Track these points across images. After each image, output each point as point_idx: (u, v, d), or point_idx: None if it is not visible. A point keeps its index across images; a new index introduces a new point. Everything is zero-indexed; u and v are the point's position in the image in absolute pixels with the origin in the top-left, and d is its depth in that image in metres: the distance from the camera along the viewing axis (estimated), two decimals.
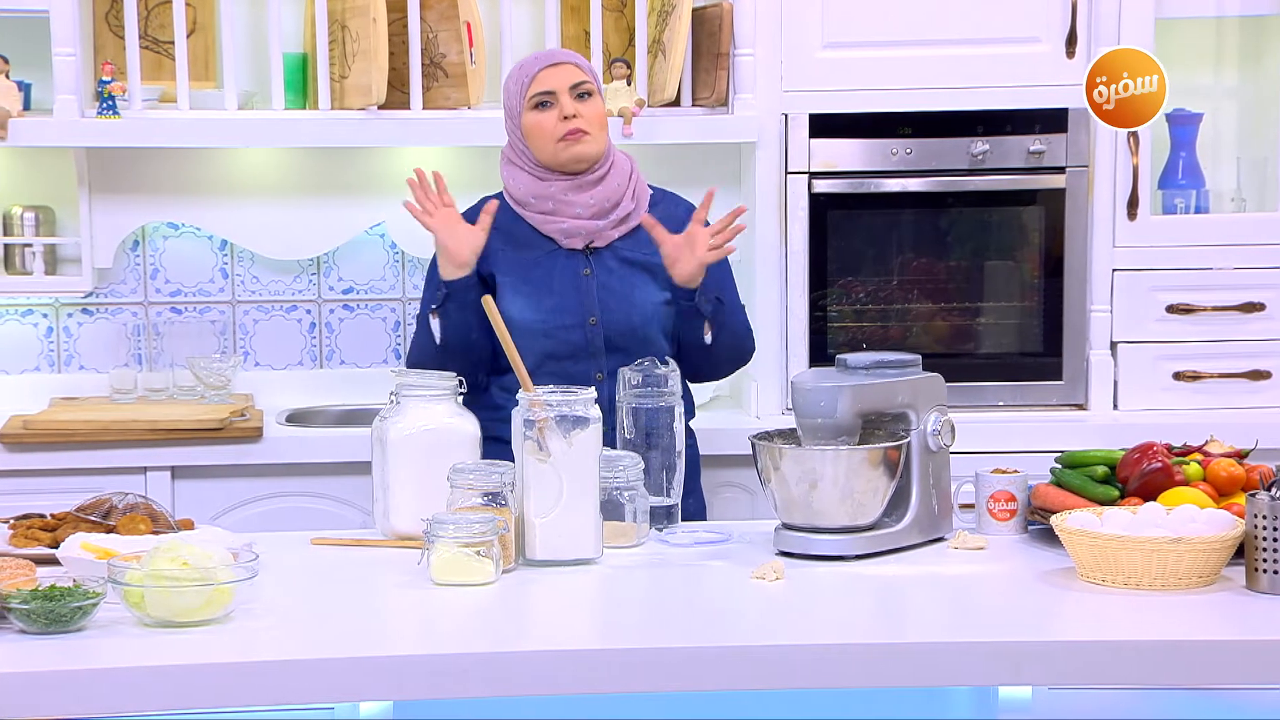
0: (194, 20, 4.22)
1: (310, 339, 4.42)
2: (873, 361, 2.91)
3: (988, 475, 2.96)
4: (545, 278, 3.26)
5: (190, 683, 2.26)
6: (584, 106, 3.27)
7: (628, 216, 3.32)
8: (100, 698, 2.25)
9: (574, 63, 3.30)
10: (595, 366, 3.25)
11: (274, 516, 3.87)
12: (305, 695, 2.28)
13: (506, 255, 3.30)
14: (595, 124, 3.27)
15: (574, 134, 3.25)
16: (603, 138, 3.29)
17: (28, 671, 2.25)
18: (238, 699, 2.28)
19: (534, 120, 3.27)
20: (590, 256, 3.30)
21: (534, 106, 3.27)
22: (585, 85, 3.28)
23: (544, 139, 3.26)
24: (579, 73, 3.29)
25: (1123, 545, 2.58)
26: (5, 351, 4.32)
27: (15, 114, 3.94)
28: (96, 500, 2.88)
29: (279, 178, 4.32)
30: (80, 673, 2.26)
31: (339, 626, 2.47)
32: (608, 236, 3.31)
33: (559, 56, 3.32)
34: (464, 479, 2.74)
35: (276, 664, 2.30)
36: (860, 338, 4.14)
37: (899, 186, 4.09)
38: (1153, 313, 4.10)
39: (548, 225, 3.30)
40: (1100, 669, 2.36)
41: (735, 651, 2.36)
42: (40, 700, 2.23)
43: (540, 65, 3.28)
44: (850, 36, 4.04)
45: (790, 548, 2.80)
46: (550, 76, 3.27)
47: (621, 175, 3.32)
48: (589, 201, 3.28)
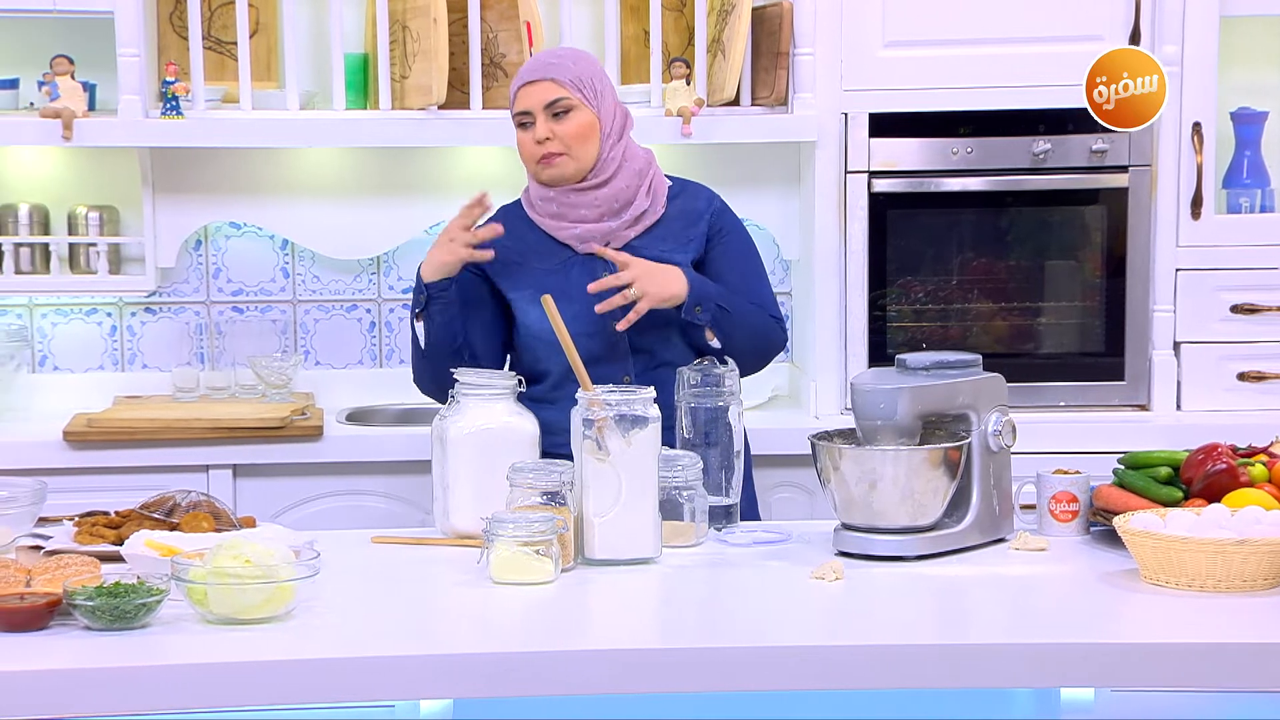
0: (256, 21, 4.25)
1: (370, 338, 4.44)
2: (933, 362, 2.89)
3: (1049, 476, 2.94)
4: (564, 286, 3.22)
5: (252, 680, 2.28)
6: (561, 125, 3.19)
7: (643, 215, 3.28)
8: (163, 694, 2.27)
9: (552, 79, 3.20)
10: (622, 370, 3.23)
11: (334, 515, 3.89)
12: (366, 693, 2.29)
13: (525, 268, 3.28)
14: (575, 140, 3.20)
15: (547, 159, 3.21)
16: (586, 151, 3.21)
17: (92, 668, 2.27)
18: (299, 696, 2.29)
19: (519, 138, 3.25)
20: (607, 261, 3.27)
21: (518, 125, 3.25)
22: (563, 102, 3.19)
23: (526, 158, 3.25)
24: (555, 89, 3.19)
25: (1186, 547, 2.55)
26: (70, 350, 4.36)
27: (80, 114, 3.98)
28: (160, 498, 2.90)
29: (340, 177, 4.34)
30: (144, 669, 2.28)
31: (399, 625, 2.48)
32: (623, 237, 3.27)
33: (538, 73, 3.22)
34: (523, 478, 2.74)
35: (337, 661, 2.31)
36: (920, 338, 4.12)
37: (959, 186, 4.07)
38: (1217, 312, 4.07)
39: (561, 231, 3.27)
40: (1163, 671, 2.34)
41: (795, 652, 2.36)
42: (104, 697, 2.25)
43: (519, 83, 3.23)
44: (911, 35, 4.02)
45: (850, 548, 2.79)
46: (527, 96, 3.21)
47: (632, 174, 3.26)
48: (594, 203, 3.25)
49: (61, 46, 4.06)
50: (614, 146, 3.25)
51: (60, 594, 2.41)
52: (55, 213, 4.26)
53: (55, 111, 3.95)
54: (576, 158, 3.21)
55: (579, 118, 3.21)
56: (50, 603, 2.41)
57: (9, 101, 4.14)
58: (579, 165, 3.22)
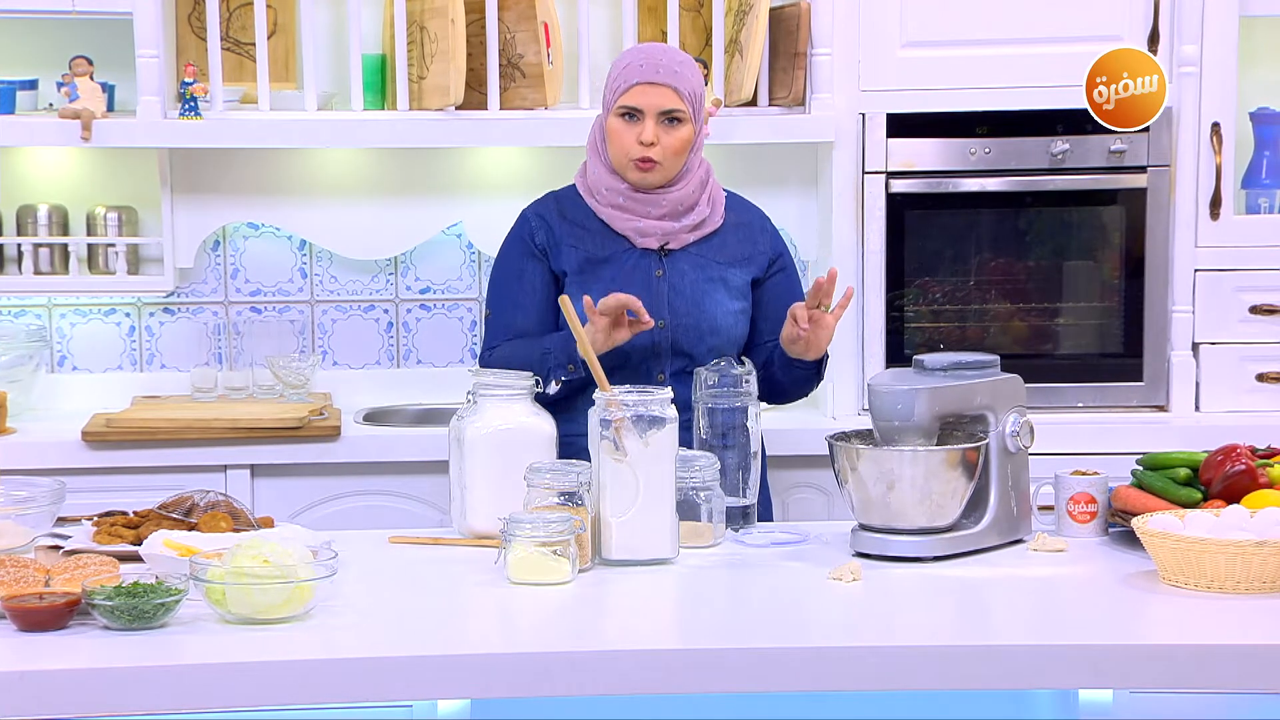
0: (274, 22, 4.25)
1: (388, 338, 4.45)
2: (950, 362, 2.89)
3: (1067, 477, 2.94)
4: (616, 275, 3.24)
5: (270, 679, 2.28)
6: (668, 134, 3.20)
7: (703, 222, 3.30)
8: (182, 694, 2.27)
9: (674, 87, 3.19)
10: (658, 367, 3.24)
11: (351, 515, 3.89)
12: (384, 693, 2.29)
13: (579, 253, 3.28)
14: (673, 152, 3.21)
15: (646, 163, 3.21)
16: (676, 164, 3.23)
17: (111, 668, 2.28)
18: (316, 696, 2.30)
19: (616, 126, 3.23)
20: (664, 259, 3.28)
21: (620, 114, 3.23)
22: (677, 113, 3.19)
23: (619, 149, 3.23)
24: (674, 98, 3.19)
25: (1206, 548, 2.55)
26: (88, 350, 4.37)
27: (99, 115, 3.99)
28: (178, 498, 2.91)
29: (357, 178, 4.34)
30: (162, 669, 2.29)
31: (417, 625, 2.48)
32: (682, 239, 3.29)
33: (662, 75, 3.20)
34: (541, 478, 2.74)
35: (355, 661, 2.31)
36: (938, 338, 4.12)
37: (977, 186, 4.07)
38: (1235, 313, 4.06)
39: (620, 222, 3.28)
40: (1182, 672, 2.34)
41: (813, 653, 2.36)
42: (123, 696, 2.25)
43: (639, 79, 3.20)
44: (928, 35, 4.01)
45: (867, 549, 2.79)
46: (644, 94, 3.19)
47: (696, 181, 3.28)
48: (660, 202, 3.26)
49: (80, 47, 4.08)
50: (693, 158, 3.27)
51: (79, 594, 2.42)
52: (74, 213, 4.27)
53: (74, 112, 3.96)
54: (668, 169, 3.23)
55: (684, 132, 3.22)
56: (69, 602, 2.41)
57: (28, 102, 4.15)
58: (667, 174, 3.24)
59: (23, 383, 4.16)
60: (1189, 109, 3.99)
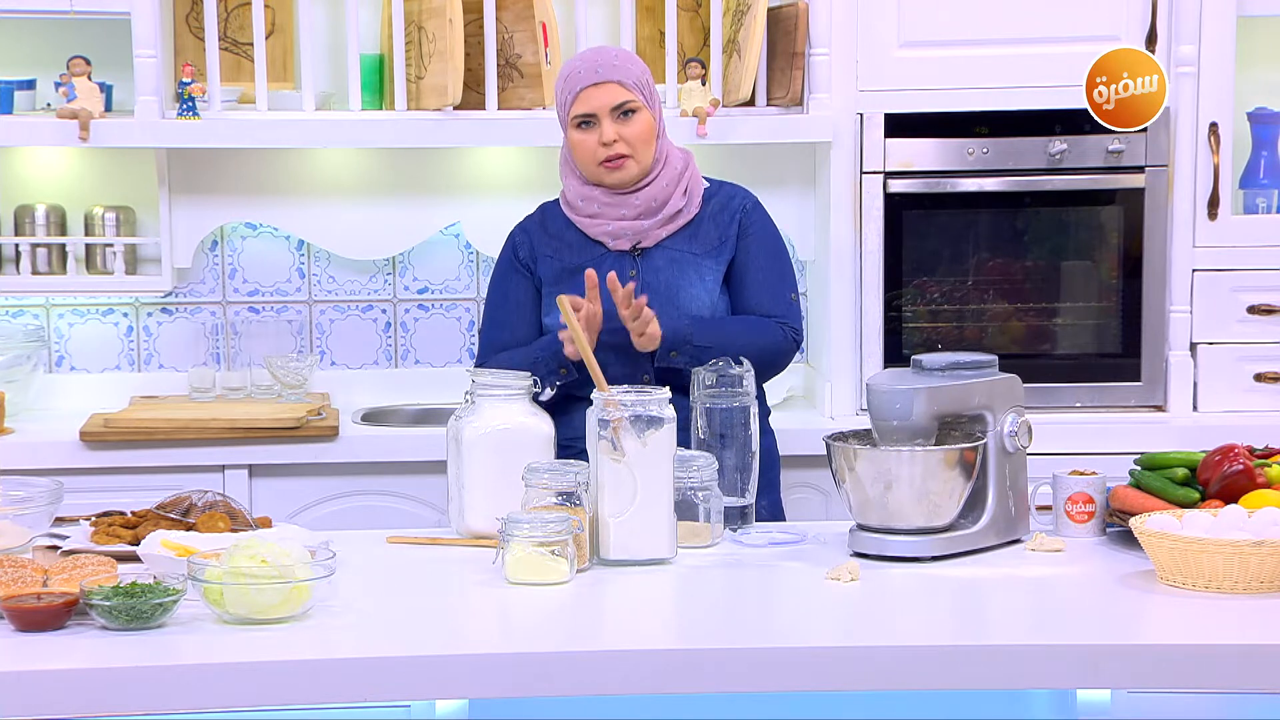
0: (272, 22, 4.26)
1: (385, 338, 4.45)
2: (948, 363, 2.89)
3: (1065, 477, 2.94)
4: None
5: (268, 679, 2.28)
6: (627, 127, 3.21)
7: (678, 214, 3.29)
8: (180, 694, 2.27)
9: (617, 81, 3.21)
10: (642, 370, 3.23)
11: (349, 515, 3.89)
12: (382, 693, 2.29)
13: (555, 262, 3.30)
14: (639, 142, 3.22)
15: (614, 161, 3.22)
16: (647, 153, 3.24)
17: (109, 668, 2.28)
18: (314, 696, 2.30)
19: (577, 138, 3.24)
20: (638, 259, 3.28)
21: (577, 125, 3.24)
22: (629, 104, 3.21)
23: (586, 158, 3.25)
24: (622, 92, 3.21)
25: (1203, 548, 2.55)
26: (86, 350, 4.37)
27: (97, 115, 3.99)
28: (176, 498, 2.91)
29: (355, 178, 4.35)
30: (160, 669, 2.29)
31: (415, 625, 2.48)
32: (655, 235, 3.29)
33: (603, 73, 3.22)
34: (539, 478, 2.74)
35: (353, 661, 2.31)
36: (936, 338, 4.12)
37: (975, 186, 4.07)
38: (1233, 313, 4.06)
39: (594, 228, 3.29)
40: (1180, 672, 2.34)
41: (810, 652, 2.36)
42: (121, 696, 2.25)
43: (583, 84, 3.21)
44: (926, 35, 4.02)
45: (865, 549, 2.79)
46: (592, 97, 3.21)
47: (672, 173, 3.28)
48: (635, 203, 3.26)
49: (78, 47, 4.08)
50: (660, 146, 3.28)
51: (77, 594, 2.42)
52: (72, 213, 4.28)
53: (72, 112, 3.96)
54: (640, 160, 3.24)
55: (643, 119, 3.23)
56: (67, 603, 2.41)
57: (26, 102, 4.15)
58: (642, 167, 3.25)
59: (20, 383, 4.16)
60: (1187, 109, 3.99)
